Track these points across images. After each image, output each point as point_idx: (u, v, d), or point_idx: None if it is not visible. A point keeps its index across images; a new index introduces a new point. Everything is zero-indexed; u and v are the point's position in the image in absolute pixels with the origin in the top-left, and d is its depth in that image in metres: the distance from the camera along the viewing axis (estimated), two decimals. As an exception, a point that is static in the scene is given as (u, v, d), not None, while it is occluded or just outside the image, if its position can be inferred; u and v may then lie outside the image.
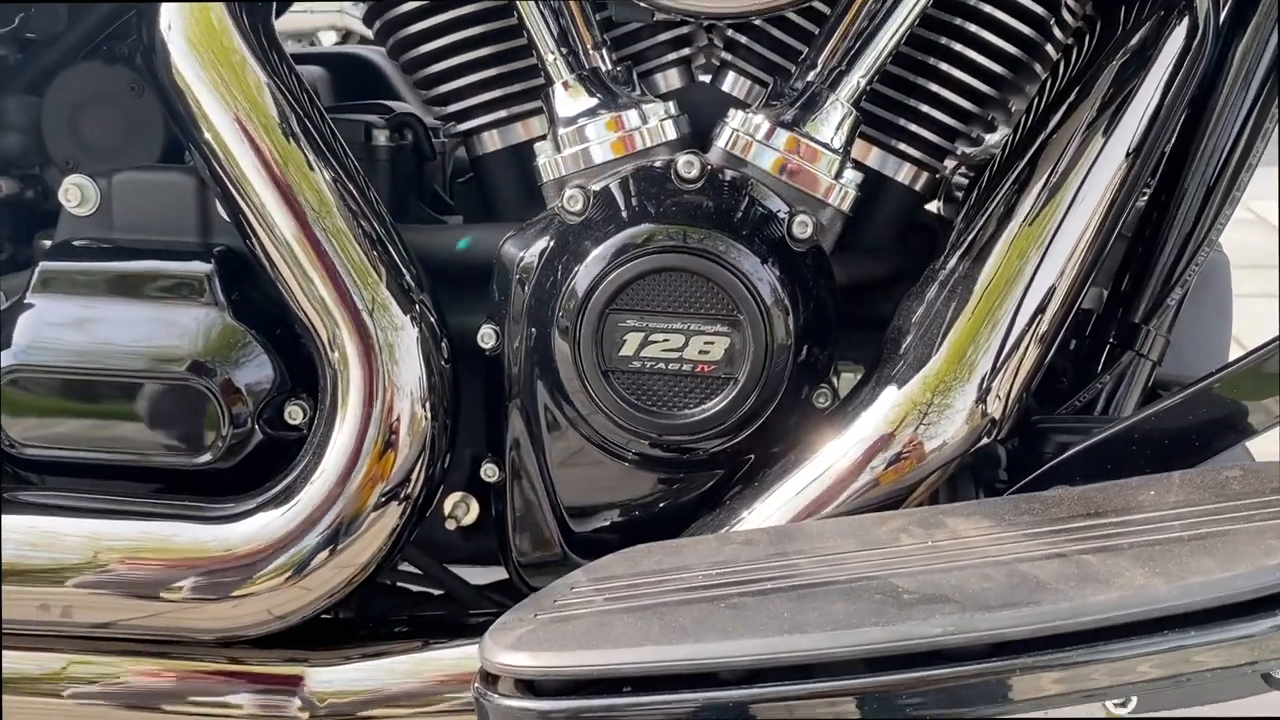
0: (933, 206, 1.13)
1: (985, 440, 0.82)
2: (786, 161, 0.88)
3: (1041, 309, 0.85)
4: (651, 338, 0.82)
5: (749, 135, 0.88)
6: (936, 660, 0.58)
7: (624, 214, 0.86)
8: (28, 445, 0.92)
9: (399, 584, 1.05)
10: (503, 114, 1.00)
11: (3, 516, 0.88)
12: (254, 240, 0.91)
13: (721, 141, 0.89)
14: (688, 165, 0.86)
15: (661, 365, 0.83)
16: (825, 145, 0.88)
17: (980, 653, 0.57)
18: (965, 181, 1.16)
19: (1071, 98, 0.91)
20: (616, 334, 0.83)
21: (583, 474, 0.91)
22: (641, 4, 0.85)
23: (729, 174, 0.88)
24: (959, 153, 1.02)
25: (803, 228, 0.86)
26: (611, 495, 0.91)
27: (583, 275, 0.83)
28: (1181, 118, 0.98)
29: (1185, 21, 0.91)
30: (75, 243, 0.96)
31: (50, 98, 1.06)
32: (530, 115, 0.99)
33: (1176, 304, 0.97)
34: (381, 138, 1.04)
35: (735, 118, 0.89)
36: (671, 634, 0.61)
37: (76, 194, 0.96)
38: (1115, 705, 0.89)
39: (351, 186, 0.92)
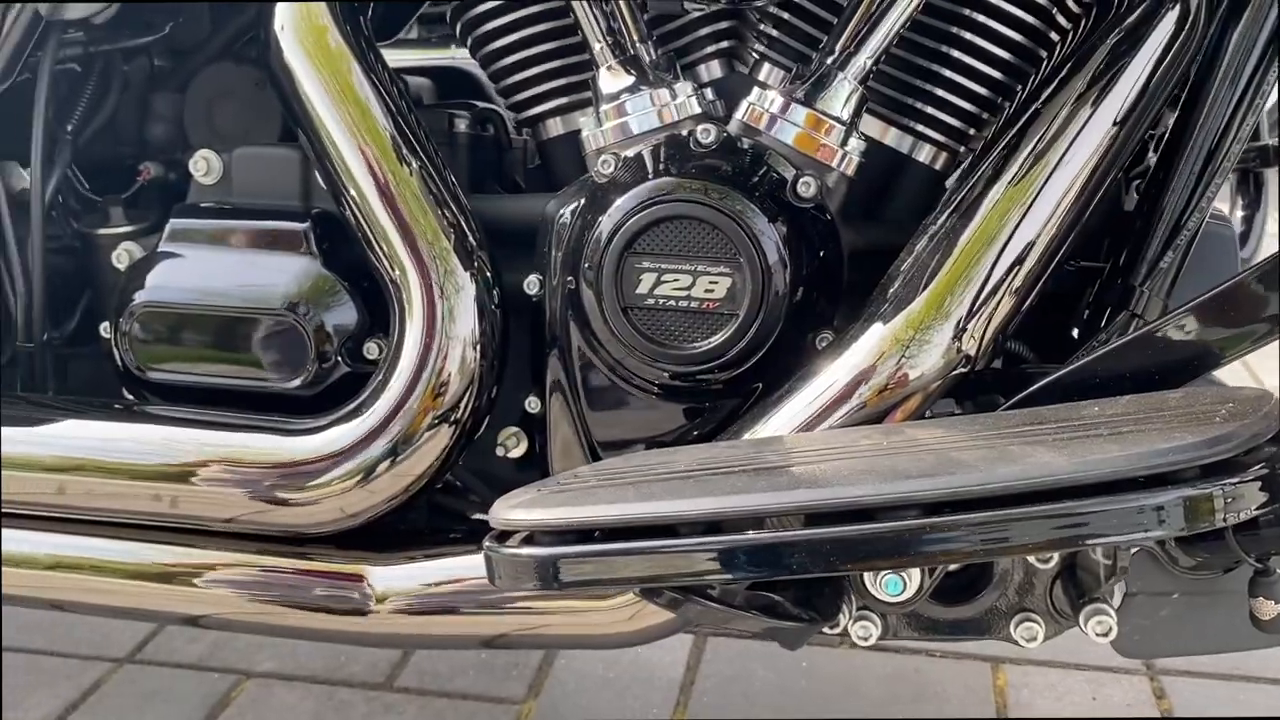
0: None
1: (959, 371, 0.91)
2: (794, 128, 0.99)
3: (1019, 262, 0.93)
4: (664, 278, 0.94)
5: (763, 108, 1.00)
6: (859, 518, 0.68)
7: (646, 174, 0.99)
8: (151, 370, 1.10)
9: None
10: (564, 101, 1.14)
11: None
12: (345, 203, 1.06)
13: (739, 114, 1.01)
14: (704, 132, 0.99)
15: (672, 302, 0.95)
16: (831, 116, 0.99)
17: (895, 513, 0.67)
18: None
19: (1063, 73, 0.99)
20: (633, 274, 0.95)
21: (610, 405, 1.03)
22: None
23: (744, 142, 1.00)
24: (973, 133, 1.11)
25: (806, 187, 0.98)
26: (635, 424, 1.03)
27: (605, 223, 0.96)
28: (1178, 96, 1.05)
29: (1177, 7, 0.99)
30: (199, 204, 1.14)
31: (191, 93, 1.25)
32: (589, 104, 1.13)
33: (1174, 269, 1.03)
34: (462, 125, 1.20)
35: (753, 93, 1.01)
36: (642, 498, 0.73)
37: (204, 165, 1.15)
38: (1096, 633, 0.95)
39: (429, 163, 1.07)
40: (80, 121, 1.23)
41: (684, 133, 1.01)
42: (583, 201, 1.00)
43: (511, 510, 0.76)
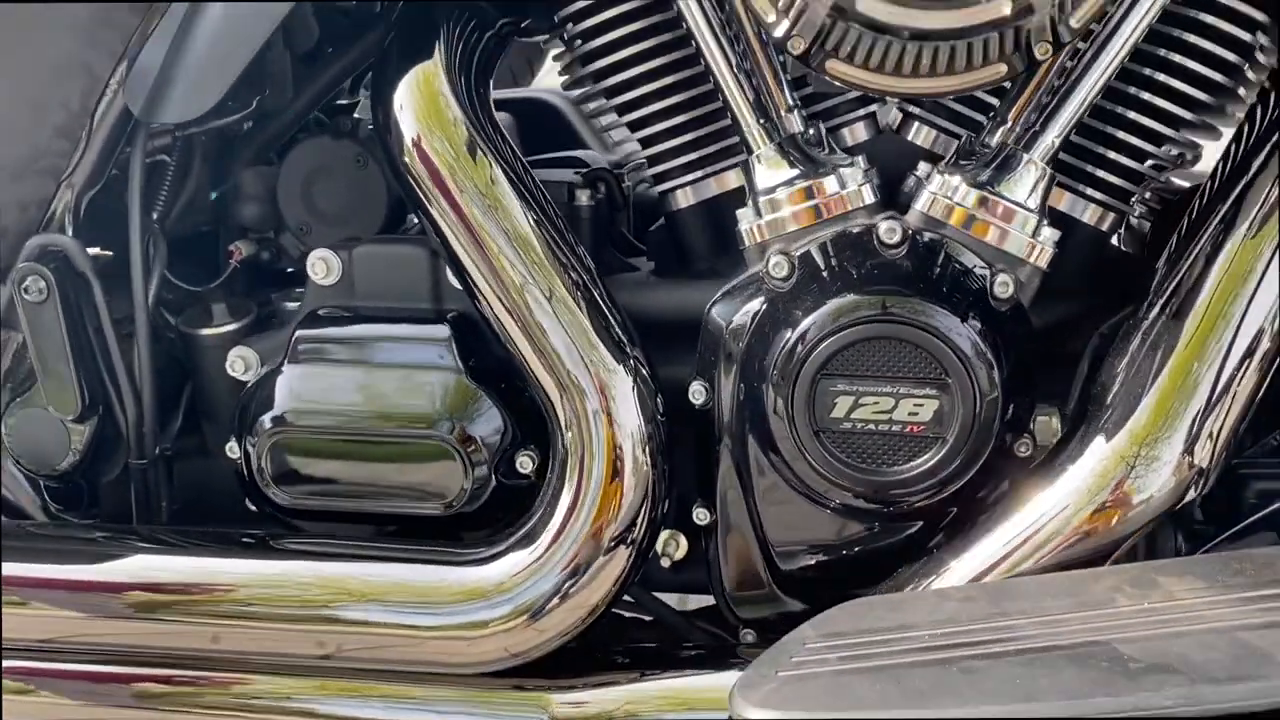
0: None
1: (1192, 493, 0.85)
2: (985, 222, 0.92)
3: (1248, 357, 0.87)
4: (862, 400, 0.88)
5: (946, 198, 0.92)
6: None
7: (830, 281, 0.91)
8: (290, 496, 1.03)
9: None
10: (698, 174, 1.06)
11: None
12: (483, 304, 0.99)
13: (920, 204, 0.93)
14: (889, 231, 0.91)
15: (872, 426, 0.89)
16: (1021, 205, 0.92)
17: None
18: (1145, 211, 1.17)
19: (1271, 143, 0.92)
20: (828, 398, 0.89)
21: (790, 518, 0.97)
22: (851, 84, 0.90)
23: (927, 236, 0.93)
24: (1144, 194, 1.04)
25: (1004, 288, 0.91)
26: (817, 538, 0.98)
27: (795, 343, 0.89)
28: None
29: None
30: (322, 311, 1.06)
31: (285, 169, 1.16)
32: (722, 171, 1.05)
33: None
34: (583, 198, 1.12)
35: (933, 181, 0.93)
36: (910, 698, 0.68)
37: (322, 267, 1.07)
38: None
39: (566, 251, 0.99)
40: (166, 207, 1.15)
41: (857, 227, 0.94)
42: (760, 310, 0.93)
43: (760, 709, 0.71)
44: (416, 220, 1.10)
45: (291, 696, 0.99)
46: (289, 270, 1.19)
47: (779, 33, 0.87)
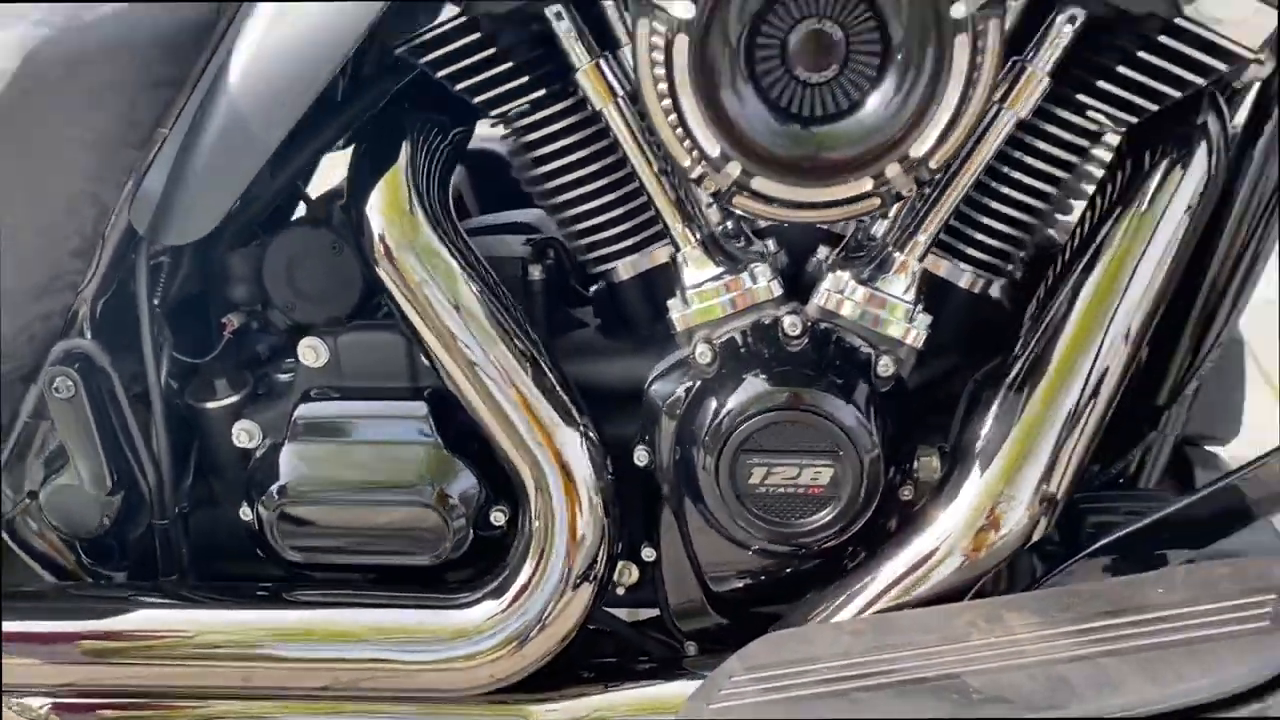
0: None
1: (1043, 524, 1.06)
2: (868, 313, 1.11)
3: (1091, 401, 1.06)
4: (773, 470, 1.08)
5: (838, 293, 1.11)
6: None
7: (747, 365, 1.10)
8: (299, 553, 1.22)
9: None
10: (635, 256, 1.22)
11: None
12: (449, 382, 1.16)
13: (817, 299, 1.11)
14: (793, 325, 1.10)
15: (782, 489, 1.09)
16: (899, 298, 1.11)
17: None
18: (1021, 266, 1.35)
19: (1111, 221, 1.09)
20: (746, 469, 1.08)
21: (719, 555, 1.19)
22: (754, 214, 1.08)
23: (823, 325, 1.12)
24: (1014, 261, 1.23)
25: (885, 368, 1.10)
26: (740, 569, 1.20)
27: (719, 423, 1.08)
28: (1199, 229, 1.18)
29: (1202, 148, 1.10)
30: (314, 392, 1.23)
31: (269, 255, 1.31)
32: (653, 248, 1.20)
33: (1195, 390, 1.19)
34: (535, 273, 1.28)
35: (827, 279, 1.11)
36: (811, 726, 0.89)
37: (312, 354, 1.23)
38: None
39: (522, 335, 1.16)
40: (164, 292, 1.30)
41: (767, 320, 1.12)
42: (690, 389, 1.13)
43: (699, 738, 0.92)
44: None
45: (306, 716, 1.20)
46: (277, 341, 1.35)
47: (692, 175, 1.04)
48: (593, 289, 1.32)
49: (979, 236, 1.14)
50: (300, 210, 1.39)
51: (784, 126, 0.97)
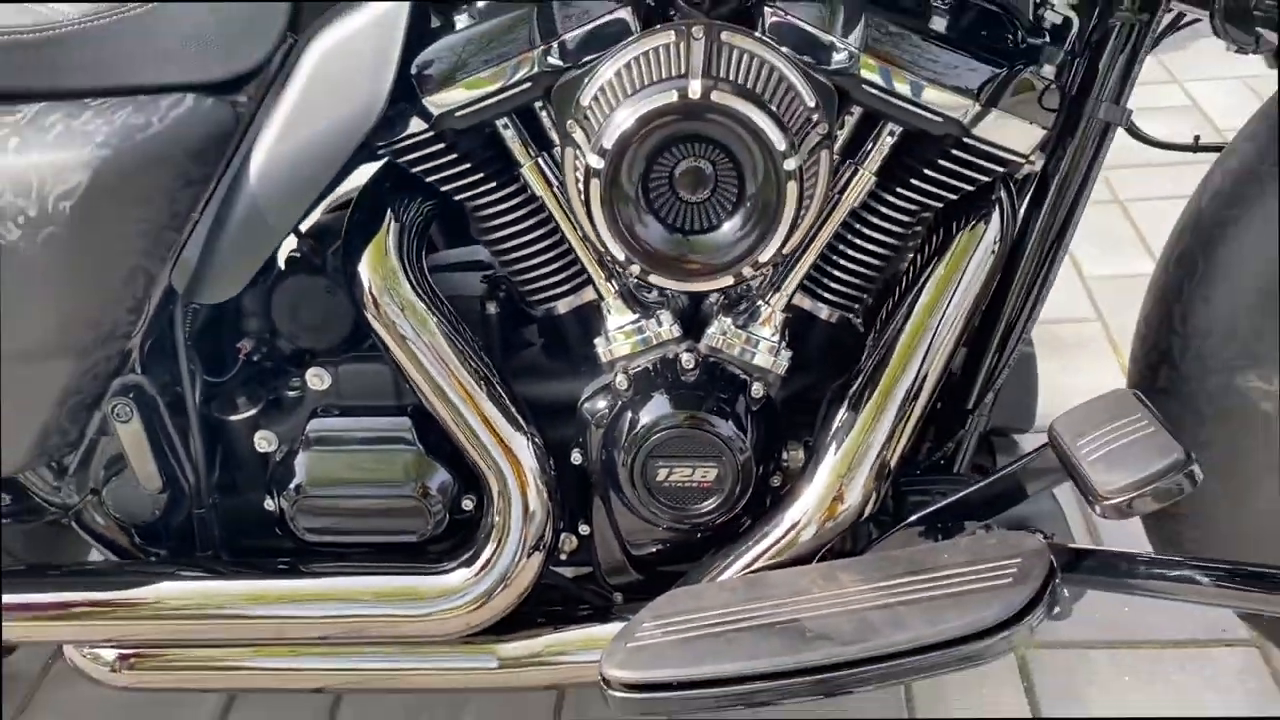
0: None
1: (874, 499, 1.45)
2: (744, 350, 1.47)
3: (913, 405, 1.43)
4: (675, 470, 1.45)
5: (722, 335, 1.47)
6: (812, 672, 1.24)
7: (655, 391, 1.47)
8: (313, 534, 1.58)
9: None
10: (571, 296, 1.57)
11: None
12: (425, 402, 1.51)
13: (706, 340, 1.47)
14: (689, 360, 1.47)
15: (681, 484, 1.46)
16: (767, 339, 1.47)
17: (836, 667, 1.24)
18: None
19: (931, 265, 1.44)
20: (654, 469, 1.45)
21: (637, 529, 1.56)
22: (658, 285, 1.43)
23: (711, 359, 1.48)
24: (863, 297, 1.59)
25: (758, 391, 1.47)
26: (653, 540, 1.57)
27: (634, 436, 1.45)
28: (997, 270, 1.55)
29: (996, 213, 1.47)
30: (320, 410, 1.58)
31: (276, 297, 1.64)
32: (584, 290, 1.56)
33: (995, 391, 1.58)
34: (491, 308, 1.63)
35: (714, 325, 1.48)
36: (701, 657, 1.28)
37: (318, 379, 1.57)
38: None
39: (481, 363, 1.51)
40: (191, 326, 1.62)
41: (671, 354, 1.49)
42: (613, 407, 1.48)
43: (618, 669, 1.30)
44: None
45: (311, 655, 1.57)
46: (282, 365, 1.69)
47: (619, 257, 1.38)
48: (538, 313, 1.67)
49: (833, 284, 1.51)
50: (291, 241, 1.70)
51: (670, 235, 1.32)
